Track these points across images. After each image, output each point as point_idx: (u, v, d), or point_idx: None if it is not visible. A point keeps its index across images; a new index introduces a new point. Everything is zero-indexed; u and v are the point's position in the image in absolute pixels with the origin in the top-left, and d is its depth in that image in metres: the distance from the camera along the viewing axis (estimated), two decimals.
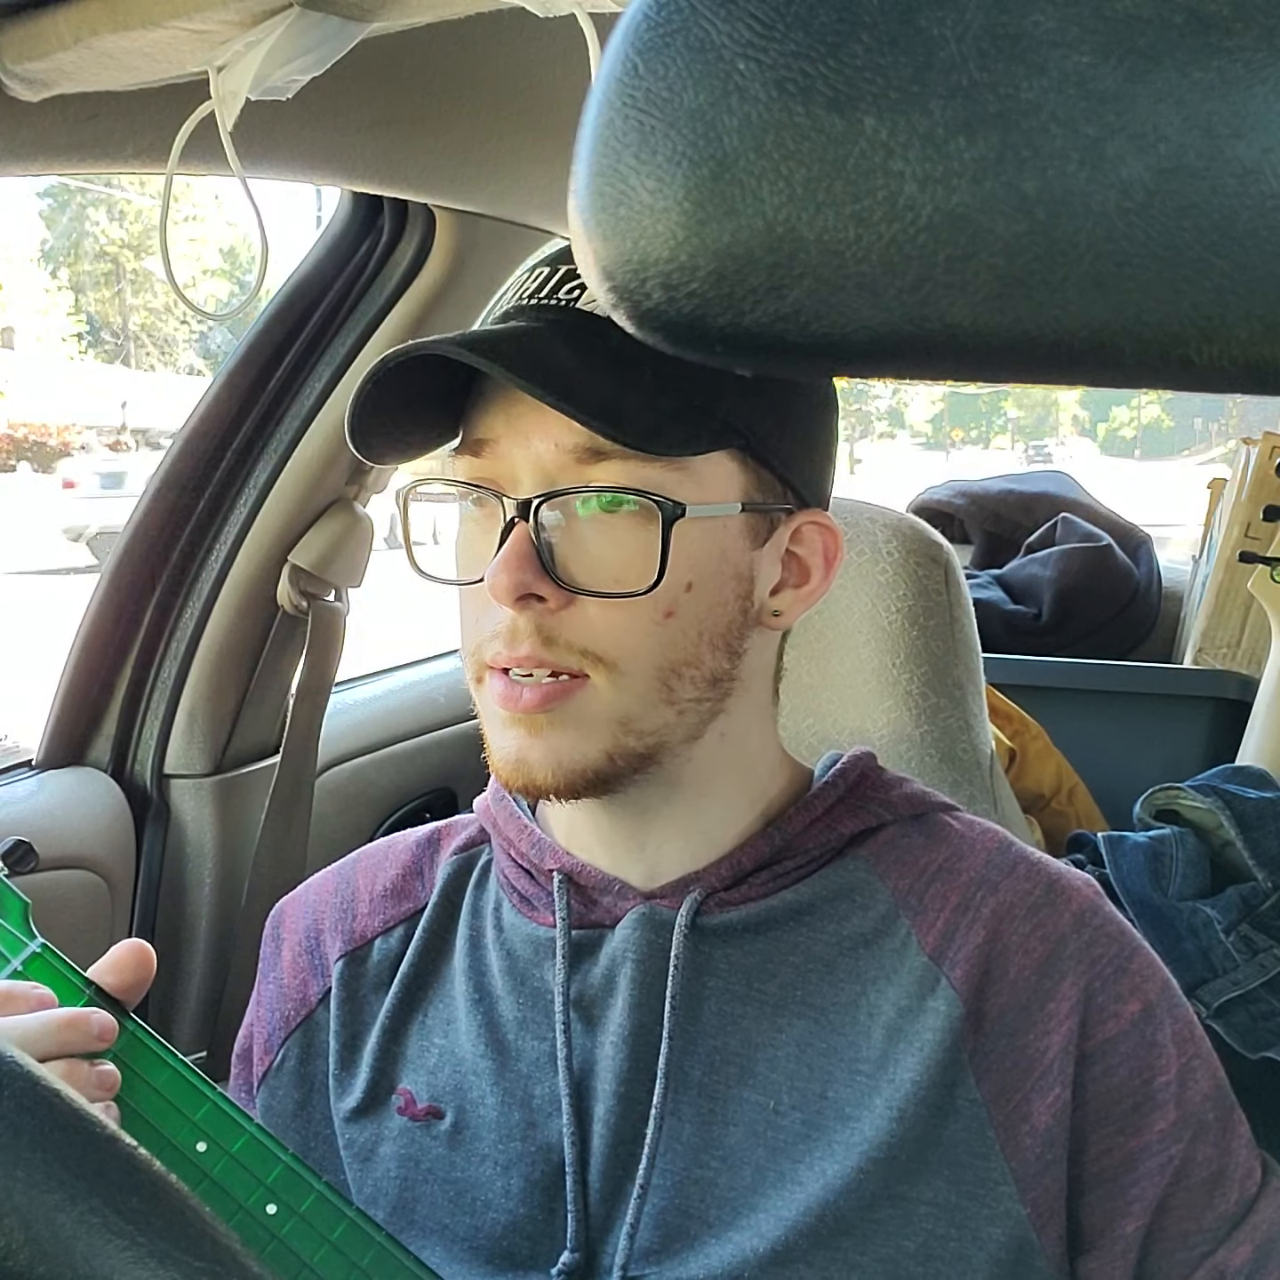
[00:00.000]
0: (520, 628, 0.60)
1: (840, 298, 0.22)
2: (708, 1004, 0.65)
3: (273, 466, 1.30)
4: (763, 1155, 0.63)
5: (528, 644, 0.60)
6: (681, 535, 0.60)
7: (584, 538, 0.61)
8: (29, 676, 2.08)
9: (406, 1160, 0.68)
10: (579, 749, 0.61)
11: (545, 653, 0.60)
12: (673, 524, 0.59)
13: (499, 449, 0.62)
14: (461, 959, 0.71)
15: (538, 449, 0.60)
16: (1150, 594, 1.88)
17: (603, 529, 0.60)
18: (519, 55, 0.99)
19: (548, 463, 0.60)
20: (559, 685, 0.60)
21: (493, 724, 0.64)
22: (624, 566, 0.60)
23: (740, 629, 0.64)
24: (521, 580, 0.59)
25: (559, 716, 0.61)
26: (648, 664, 0.61)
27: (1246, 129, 0.20)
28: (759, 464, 0.63)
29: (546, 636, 0.60)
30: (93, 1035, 0.60)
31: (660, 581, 0.59)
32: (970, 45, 0.21)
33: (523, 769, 0.62)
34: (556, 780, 0.61)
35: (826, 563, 0.67)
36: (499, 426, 0.62)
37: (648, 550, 0.60)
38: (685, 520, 0.60)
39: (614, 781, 0.63)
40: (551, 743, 0.61)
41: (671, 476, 0.60)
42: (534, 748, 0.61)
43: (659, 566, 0.59)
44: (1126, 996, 0.64)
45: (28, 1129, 0.36)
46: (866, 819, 0.68)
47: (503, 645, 0.61)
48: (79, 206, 27.00)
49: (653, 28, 0.22)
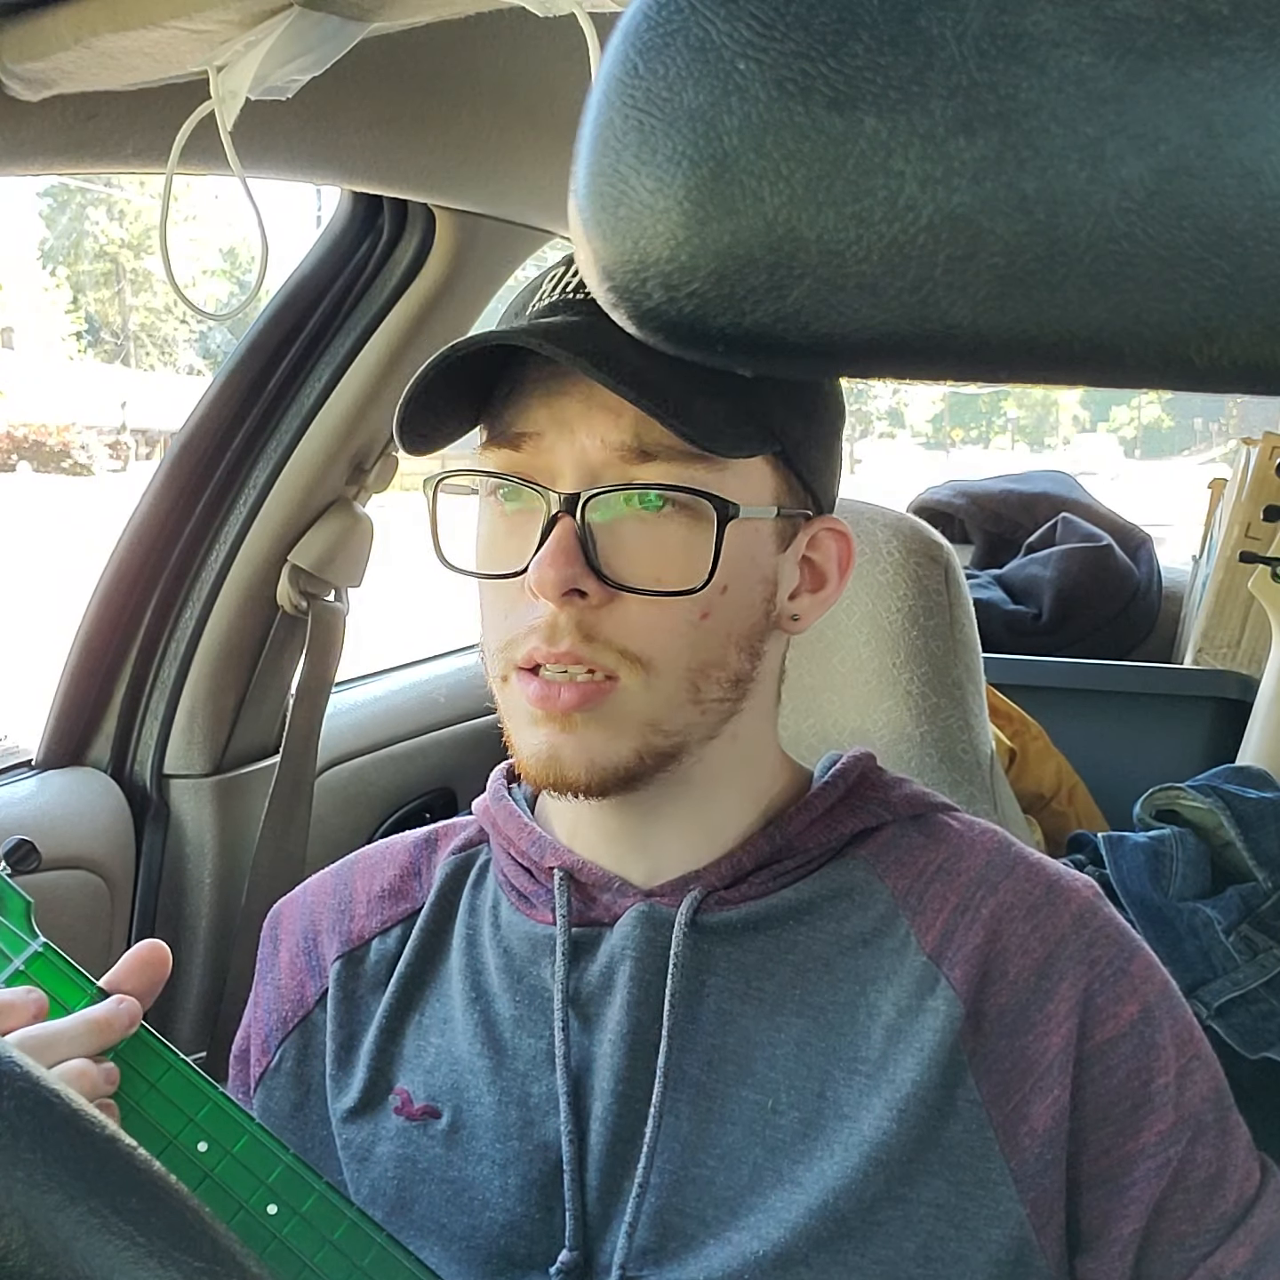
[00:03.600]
0: (561, 624, 0.60)
1: (841, 298, 0.22)
2: (707, 1002, 0.65)
3: (273, 466, 1.30)
4: (760, 1154, 0.63)
5: (568, 640, 0.60)
6: (726, 537, 0.60)
7: (628, 535, 0.60)
8: (29, 676, 2.08)
9: (404, 1160, 0.68)
10: (611, 747, 0.61)
11: (584, 649, 0.60)
12: (726, 525, 0.60)
13: (542, 443, 0.61)
14: (458, 958, 0.71)
15: (583, 444, 0.60)
16: (1150, 594, 1.88)
17: (646, 528, 0.60)
18: (519, 55, 0.99)
19: (593, 458, 0.60)
20: (595, 685, 0.60)
21: (520, 721, 0.63)
22: (667, 566, 0.60)
23: (763, 632, 0.65)
24: (569, 575, 0.59)
25: (592, 715, 0.61)
26: (679, 664, 0.61)
27: (1246, 129, 0.20)
28: (789, 470, 0.64)
29: (586, 634, 0.60)
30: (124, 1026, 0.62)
31: (710, 582, 0.60)
32: (970, 45, 0.21)
33: (554, 766, 0.61)
34: (589, 778, 0.61)
35: (840, 568, 0.68)
36: (542, 420, 0.61)
37: (691, 550, 0.60)
38: (732, 523, 0.60)
39: (640, 779, 0.63)
40: (584, 741, 0.61)
41: (715, 478, 0.60)
42: (566, 745, 0.61)
43: (710, 567, 0.59)
44: (1126, 998, 0.64)
45: (28, 1129, 0.36)
46: (866, 819, 0.68)
47: (541, 640, 0.60)
48: (79, 206, 27.00)
49: (653, 28, 0.22)
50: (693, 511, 0.60)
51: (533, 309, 0.64)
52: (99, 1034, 0.60)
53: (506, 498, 0.63)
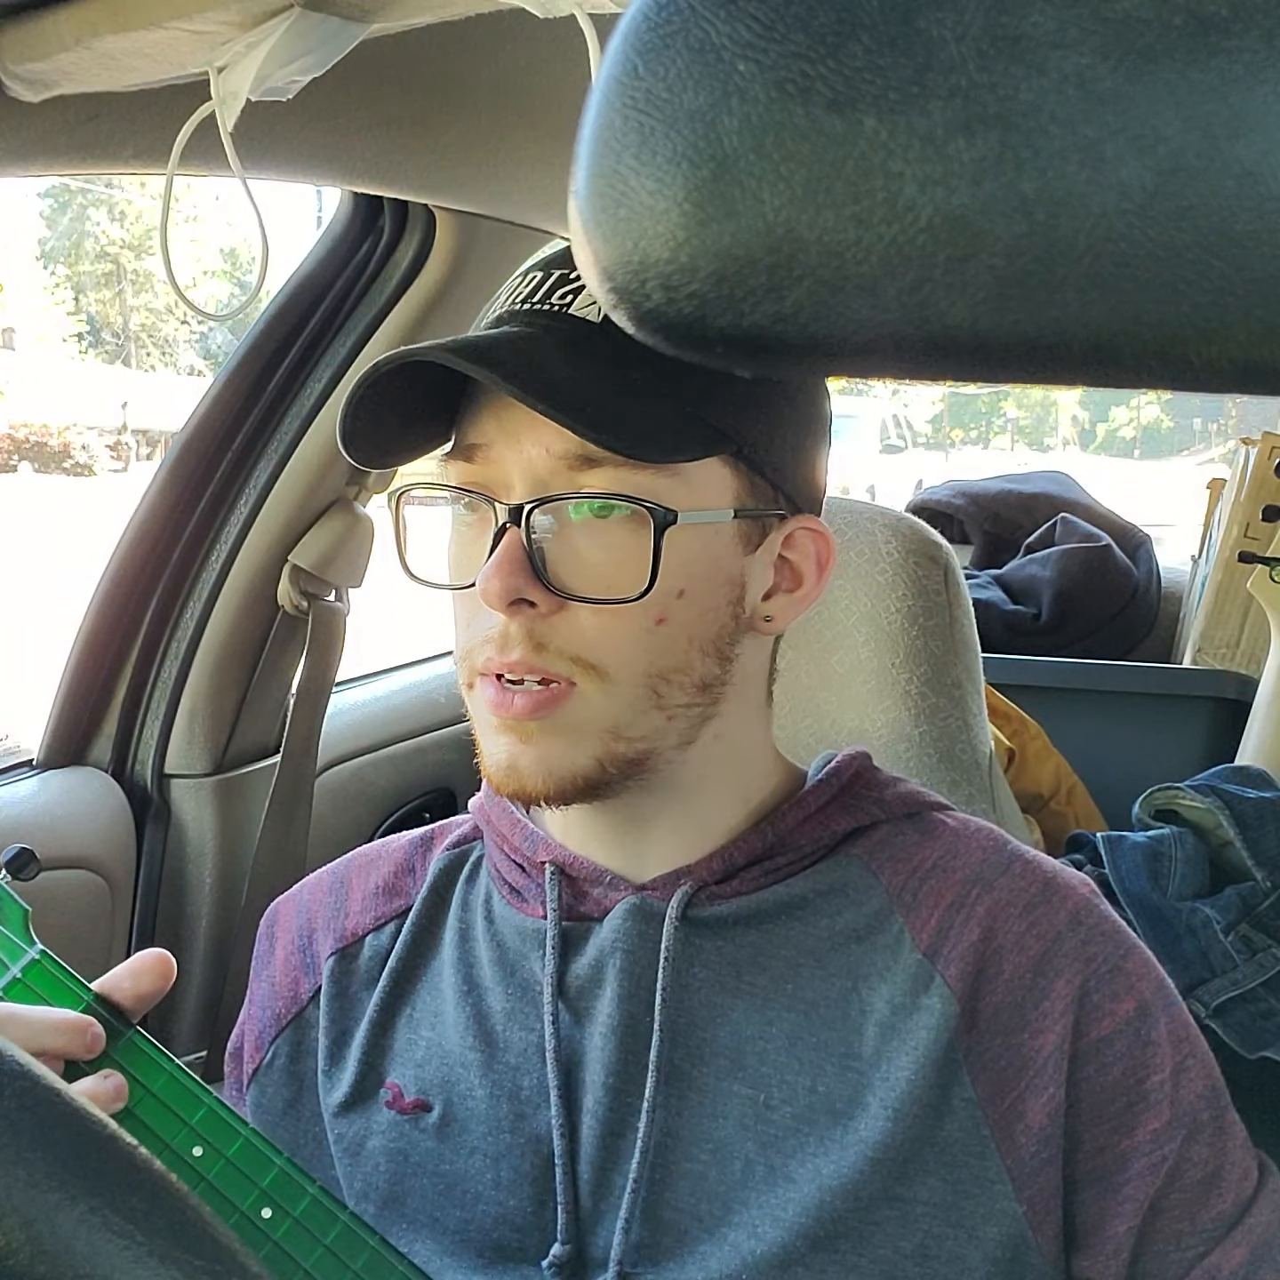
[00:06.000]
0: (511, 633, 0.60)
1: (840, 299, 0.22)
2: (697, 996, 0.65)
3: (273, 467, 1.30)
4: (752, 1149, 0.63)
5: (519, 649, 0.60)
6: (673, 542, 0.60)
7: (576, 543, 0.61)
8: (30, 676, 2.08)
9: (395, 1154, 0.68)
10: (569, 756, 0.61)
11: (536, 658, 0.60)
12: (664, 531, 0.59)
13: (491, 453, 0.62)
14: (451, 951, 0.71)
15: (530, 454, 0.60)
16: (1150, 594, 1.88)
17: (594, 535, 0.60)
18: (519, 56, 0.99)
19: (539, 468, 0.60)
20: (549, 693, 0.61)
21: (484, 729, 0.64)
22: (616, 573, 0.60)
23: (732, 634, 0.64)
24: (513, 585, 0.59)
25: (549, 724, 0.61)
26: (637, 670, 0.61)
27: (1246, 130, 0.20)
28: (751, 470, 0.63)
29: (537, 642, 0.60)
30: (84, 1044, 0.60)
31: (651, 588, 0.59)
32: (970, 46, 0.21)
33: (513, 775, 0.62)
34: (547, 787, 0.62)
35: (819, 567, 0.67)
36: (491, 431, 0.62)
37: (639, 557, 0.60)
38: (677, 527, 0.60)
39: (604, 788, 0.63)
40: (541, 750, 0.61)
41: (663, 483, 0.60)
42: (524, 754, 0.62)
43: (650, 573, 0.59)
44: (1121, 995, 0.64)
45: (28, 1128, 0.36)
46: (860, 817, 0.69)
47: (494, 650, 0.61)
48: (80, 207, 27.00)
49: (653, 28, 0.22)
50: (637, 518, 0.60)
51: (485, 321, 0.65)
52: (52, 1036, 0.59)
53: (466, 508, 0.64)
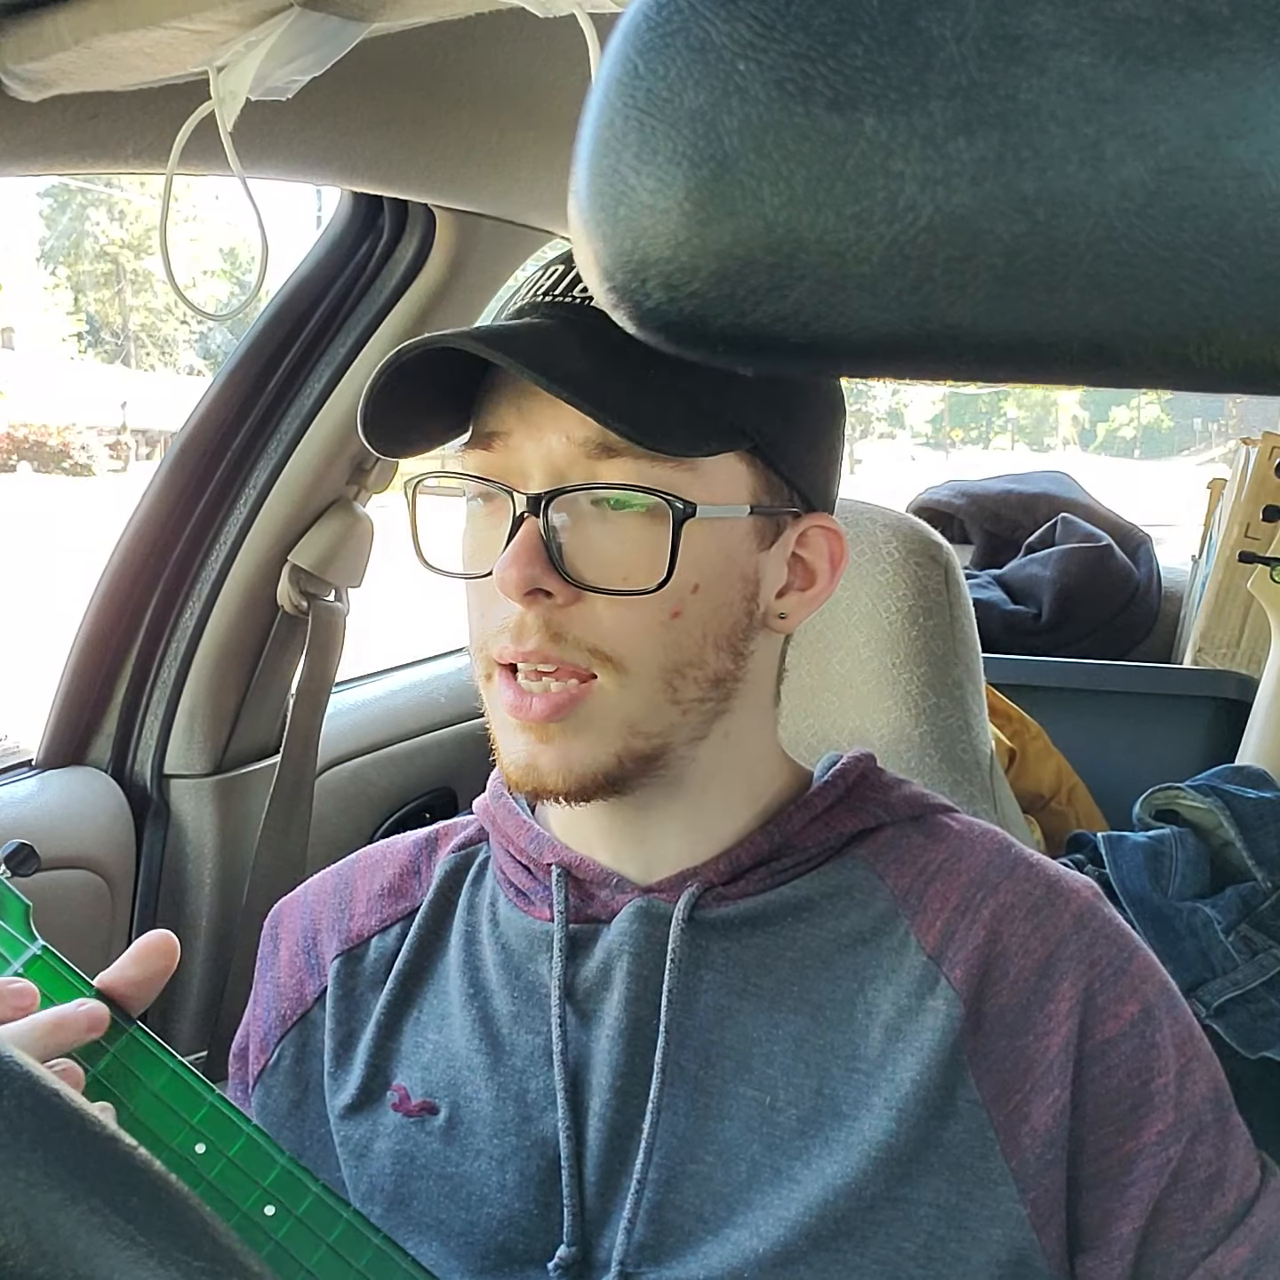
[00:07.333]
0: (528, 623, 0.60)
1: (841, 298, 0.22)
2: (704, 998, 0.65)
3: (273, 466, 1.30)
4: (758, 1151, 0.63)
5: (535, 639, 0.60)
6: (690, 536, 0.60)
7: (592, 534, 0.61)
8: (30, 676, 2.08)
9: (401, 1156, 0.68)
10: (589, 753, 0.61)
11: (552, 648, 0.60)
12: (683, 524, 0.60)
13: (510, 442, 0.62)
14: (457, 954, 0.71)
15: (549, 442, 0.60)
16: (1150, 594, 1.88)
17: (611, 526, 0.61)
18: (519, 55, 0.99)
19: (558, 457, 0.60)
20: (567, 693, 0.60)
21: (502, 726, 0.64)
22: (632, 565, 0.60)
23: (745, 631, 0.64)
24: (530, 575, 0.59)
25: (570, 724, 0.61)
26: (652, 664, 0.61)
27: (1246, 130, 0.20)
28: (767, 467, 0.63)
29: (554, 632, 0.60)
30: (83, 1029, 0.60)
31: (668, 581, 0.59)
32: (970, 46, 0.21)
33: (533, 774, 0.62)
34: (567, 785, 0.62)
35: (832, 566, 0.67)
36: (510, 420, 0.62)
37: (656, 549, 0.60)
38: (694, 521, 0.60)
39: (622, 783, 0.63)
40: (562, 748, 0.61)
41: (681, 477, 0.60)
42: (544, 753, 0.61)
43: (668, 566, 0.59)
44: (1126, 997, 0.64)
45: (28, 1128, 0.36)
46: (865, 819, 0.68)
47: (510, 640, 0.61)
48: (79, 206, 26.99)
49: (653, 28, 0.22)
50: (654, 510, 0.60)
51: (507, 311, 0.65)
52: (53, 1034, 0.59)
53: (483, 498, 0.64)
